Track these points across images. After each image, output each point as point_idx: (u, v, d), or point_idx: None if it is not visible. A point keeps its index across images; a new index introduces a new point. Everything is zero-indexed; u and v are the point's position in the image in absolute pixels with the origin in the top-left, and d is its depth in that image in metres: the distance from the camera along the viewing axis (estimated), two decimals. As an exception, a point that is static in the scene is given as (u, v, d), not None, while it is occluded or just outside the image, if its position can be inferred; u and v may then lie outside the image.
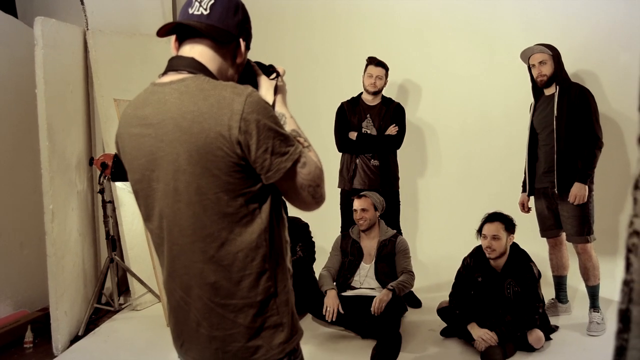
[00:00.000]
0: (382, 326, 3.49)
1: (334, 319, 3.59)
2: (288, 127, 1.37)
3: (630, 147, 4.29)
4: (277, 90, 1.47)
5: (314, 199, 1.34)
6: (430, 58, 5.07)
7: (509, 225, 3.50)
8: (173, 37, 1.39)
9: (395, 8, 5.15)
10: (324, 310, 3.62)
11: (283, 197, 1.37)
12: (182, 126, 1.23)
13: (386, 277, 3.83)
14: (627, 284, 0.60)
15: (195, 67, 1.33)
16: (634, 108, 4.07)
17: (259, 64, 1.50)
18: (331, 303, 3.62)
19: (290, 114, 1.45)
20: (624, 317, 0.60)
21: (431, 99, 5.12)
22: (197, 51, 1.35)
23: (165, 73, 1.37)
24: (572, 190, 3.62)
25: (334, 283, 3.87)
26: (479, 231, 3.56)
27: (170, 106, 1.27)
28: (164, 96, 1.29)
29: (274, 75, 1.49)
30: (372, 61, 4.26)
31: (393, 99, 4.44)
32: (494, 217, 3.54)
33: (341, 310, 3.62)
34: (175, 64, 1.35)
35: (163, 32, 1.35)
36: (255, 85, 1.45)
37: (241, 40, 1.40)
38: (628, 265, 0.59)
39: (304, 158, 1.29)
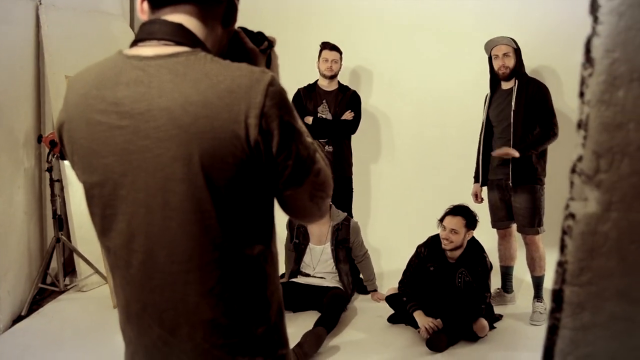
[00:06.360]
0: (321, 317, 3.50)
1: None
2: None
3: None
4: (269, 63, 1.19)
5: (320, 211, 1.12)
6: (386, 46, 5.00)
7: (471, 221, 3.52)
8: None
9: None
10: None
11: (281, 208, 1.12)
12: (182, 122, 0.94)
13: (343, 262, 3.90)
14: (561, 265, 0.61)
15: (186, 37, 1.00)
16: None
17: (244, 30, 1.17)
18: None
19: None
20: (557, 297, 0.61)
21: (386, 86, 5.09)
22: (181, 16, 1.01)
23: (138, 42, 1.02)
24: (502, 148, 3.68)
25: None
26: (441, 220, 3.56)
27: (160, 91, 0.96)
28: (149, 76, 0.97)
29: (265, 44, 1.18)
30: (326, 46, 4.29)
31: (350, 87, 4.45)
32: (457, 211, 3.54)
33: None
34: (156, 31, 1.00)
35: None
36: (245, 58, 1.14)
37: None
38: (562, 247, 0.61)
39: (318, 164, 1.05)
